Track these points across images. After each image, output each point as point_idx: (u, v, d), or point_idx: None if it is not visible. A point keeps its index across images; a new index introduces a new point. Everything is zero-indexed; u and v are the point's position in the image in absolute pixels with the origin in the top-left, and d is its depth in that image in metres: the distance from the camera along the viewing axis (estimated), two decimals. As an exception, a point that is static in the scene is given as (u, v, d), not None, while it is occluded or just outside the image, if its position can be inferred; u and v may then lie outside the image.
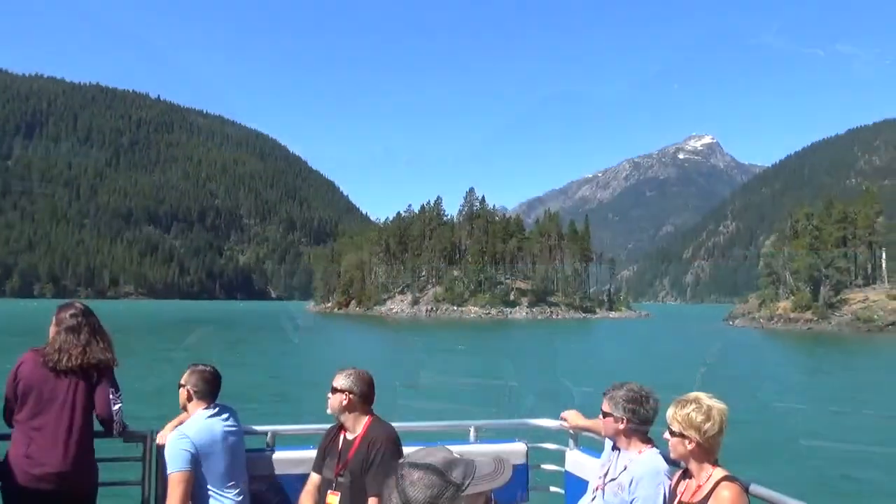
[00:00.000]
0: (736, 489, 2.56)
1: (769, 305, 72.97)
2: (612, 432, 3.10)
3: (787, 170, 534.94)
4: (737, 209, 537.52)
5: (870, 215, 72.78)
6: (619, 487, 2.96)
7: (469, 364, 33.97)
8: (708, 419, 2.62)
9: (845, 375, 28.77)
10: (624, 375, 3.94)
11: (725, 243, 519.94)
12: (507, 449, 3.93)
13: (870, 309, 64.73)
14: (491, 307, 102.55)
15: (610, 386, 3.14)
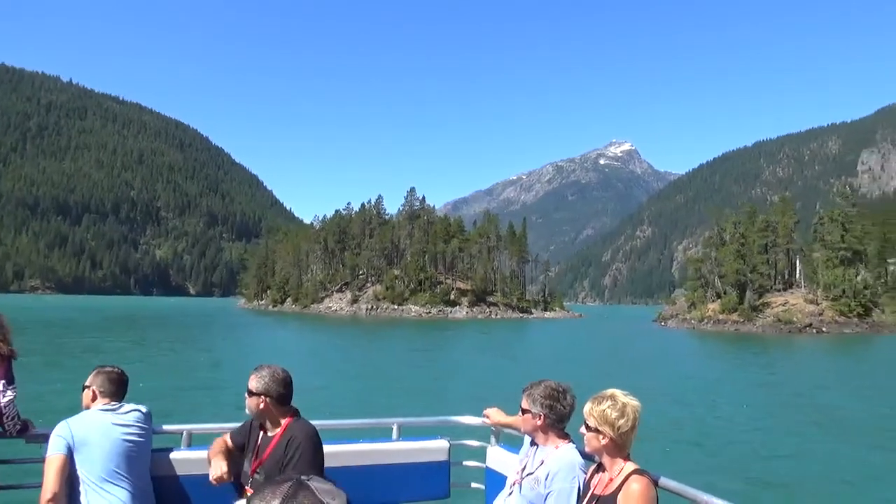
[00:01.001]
0: (645, 482, 2.65)
1: (700, 307, 77.57)
2: (530, 428, 3.19)
3: (700, 178, 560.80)
4: (653, 214, 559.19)
5: (788, 224, 78.85)
6: (535, 481, 3.05)
7: (399, 362, 34.07)
8: (622, 416, 2.71)
9: (763, 373, 31.08)
10: (564, 375, 4.34)
11: (642, 247, 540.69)
12: (429, 446, 3.96)
13: (790, 312, 70.21)
14: (431, 306, 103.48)
15: (528, 384, 3.24)
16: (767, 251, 77.39)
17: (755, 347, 48.32)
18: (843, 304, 69.95)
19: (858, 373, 31.58)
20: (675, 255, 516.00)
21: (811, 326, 67.83)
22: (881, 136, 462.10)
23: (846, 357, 42.80)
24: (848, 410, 19.43)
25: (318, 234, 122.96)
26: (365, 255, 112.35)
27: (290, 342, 48.54)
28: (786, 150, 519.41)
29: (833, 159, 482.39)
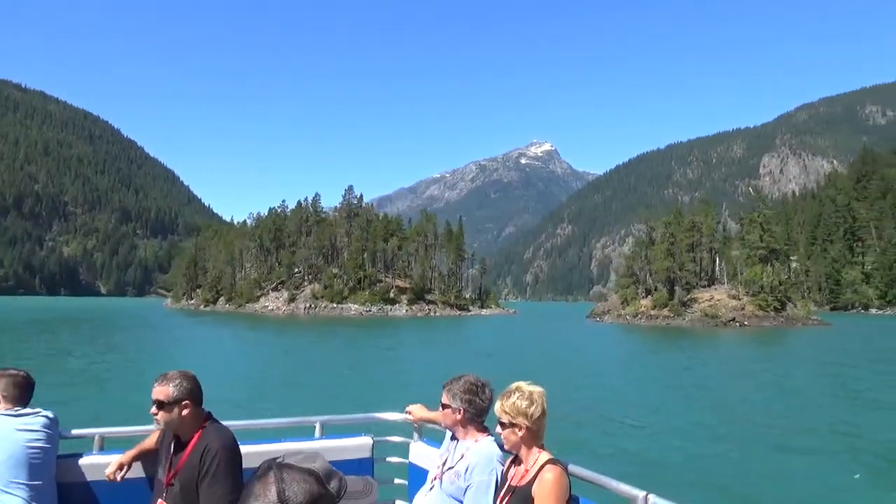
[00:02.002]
0: (558, 471, 2.75)
1: (634, 304, 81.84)
2: (451, 422, 3.26)
3: (616, 178, 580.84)
4: (572, 213, 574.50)
5: (712, 225, 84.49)
6: (455, 475, 3.11)
7: (330, 360, 34.02)
8: (532, 403, 2.83)
9: (688, 363, 33.52)
10: (515, 371, 5.57)
11: (562, 245, 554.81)
12: (352, 443, 3.98)
13: (715, 307, 75.38)
14: (371, 305, 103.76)
15: (449, 379, 3.32)
16: (693, 250, 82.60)
17: (683, 341, 51.81)
18: (761, 299, 75.74)
19: (763, 365, 34.13)
20: (594, 253, 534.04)
21: (734, 321, 73.10)
22: (780, 141, 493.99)
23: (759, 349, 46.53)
24: (747, 402, 20.69)
25: (253, 232, 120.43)
26: (302, 254, 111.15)
27: (223, 342, 47.69)
28: (695, 153, 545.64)
29: (738, 162, 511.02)
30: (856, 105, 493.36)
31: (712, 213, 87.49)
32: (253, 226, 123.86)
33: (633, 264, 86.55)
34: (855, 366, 32.60)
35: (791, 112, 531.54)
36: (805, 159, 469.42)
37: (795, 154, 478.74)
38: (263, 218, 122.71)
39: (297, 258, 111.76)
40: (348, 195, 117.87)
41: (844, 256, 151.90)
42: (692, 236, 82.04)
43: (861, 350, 43.68)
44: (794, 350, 45.23)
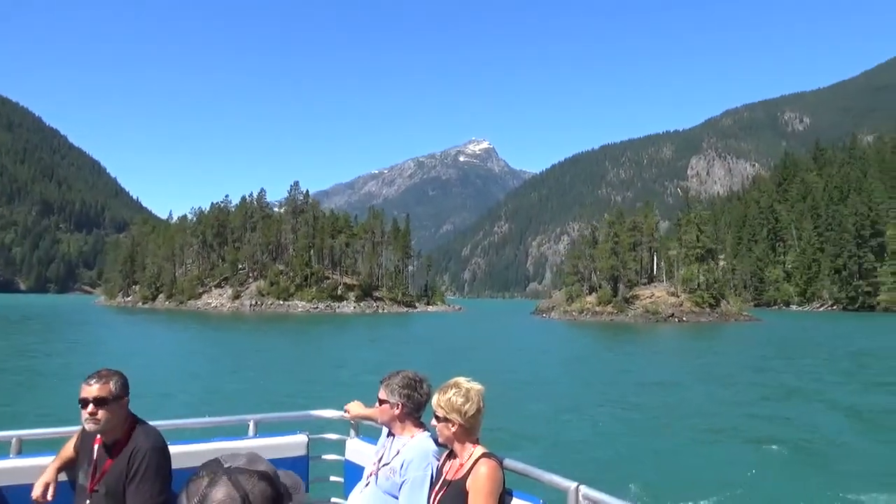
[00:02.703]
0: (492, 464, 2.78)
1: (580, 300, 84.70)
2: (388, 418, 3.25)
3: (552, 178, 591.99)
4: (509, 211, 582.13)
5: (652, 225, 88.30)
6: (391, 471, 3.11)
7: (270, 357, 33.59)
8: (467, 401, 2.84)
9: (629, 358, 35.43)
10: (474, 368, 5.77)
11: (499, 242, 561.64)
12: (287, 441, 3.93)
13: (656, 303, 78.99)
14: (319, 302, 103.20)
15: (386, 374, 3.31)
16: (635, 249, 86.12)
17: (626, 336, 54.49)
18: (697, 296, 79.85)
19: (699, 359, 36.25)
20: (530, 251, 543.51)
21: (673, 316, 76.88)
22: (707, 144, 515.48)
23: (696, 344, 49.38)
24: (680, 395, 21.67)
25: (195, 227, 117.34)
26: (247, 250, 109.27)
27: (159, 339, 46.43)
28: (628, 154, 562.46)
29: (667, 164, 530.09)
30: (776, 111, 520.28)
31: (652, 214, 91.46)
32: (194, 221, 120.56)
33: (577, 262, 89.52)
34: (786, 358, 35.09)
35: (717, 117, 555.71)
36: (730, 162, 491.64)
37: (721, 157, 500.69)
38: (205, 213, 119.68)
39: (242, 255, 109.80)
40: (294, 191, 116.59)
41: (768, 256, 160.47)
42: (634, 236, 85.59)
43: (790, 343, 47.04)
44: (728, 344, 47.96)
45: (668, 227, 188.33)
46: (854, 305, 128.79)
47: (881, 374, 27.52)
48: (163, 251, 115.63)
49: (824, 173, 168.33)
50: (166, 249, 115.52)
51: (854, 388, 23.14)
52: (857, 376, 26.88)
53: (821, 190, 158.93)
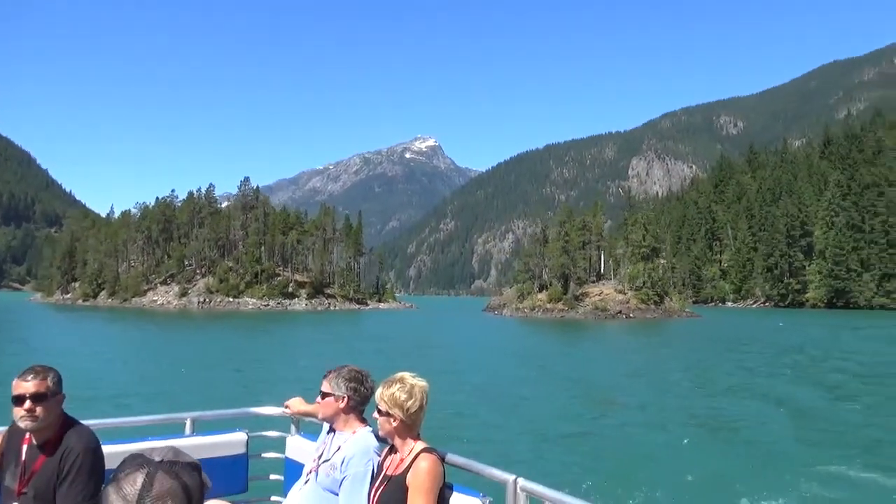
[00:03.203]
0: (433, 459, 2.80)
1: (532, 297, 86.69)
2: (332, 412, 3.20)
3: (498, 176, 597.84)
4: (455, 209, 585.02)
5: (600, 224, 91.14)
6: (331, 467, 3.09)
7: (212, 354, 33.15)
8: (410, 397, 2.86)
9: (577, 353, 37.24)
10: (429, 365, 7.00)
11: (445, 240, 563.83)
12: (226, 439, 3.86)
13: (604, 300, 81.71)
14: (269, 299, 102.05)
15: (330, 369, 3.27)
16: (584, 247, 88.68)
17: (576, 332, 56.58)
18: (643, 293, 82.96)
19: (642, 353, 38.68)
20: (476, 249, 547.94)
21: (621, 313, 79.70)
22: (647, 145, 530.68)
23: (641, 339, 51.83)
24: (621, 388, 22.64)
25: (139, 223, 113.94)
26: (194, 246, 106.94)
27: (99, 337, 45.11)
28: (571, 154, 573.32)
29: (609, 164, 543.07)
30: (712, 115, 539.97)
31: (600, 214, 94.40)
32: (138, 216, 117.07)
33: (529, 260, 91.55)
34: (723, 351, 37.49)
35: (656, 119, 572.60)
36: (668, 163, 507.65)
37: (660, 158, 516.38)
38: (150, 208, 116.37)
39: (190, 251, 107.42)
40: (244, 187, 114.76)
41: (705, 254, 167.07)
42: (583, 235, 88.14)
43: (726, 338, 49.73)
44: (671, 339, 50.43)
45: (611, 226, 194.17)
46: (784, 302, 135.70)
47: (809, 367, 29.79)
48: (105, 247, 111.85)
49: (758, 176, 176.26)
50: (108, 245, 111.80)
51: (786, 380, 24.74)
52: (791, 368, 28.85)
53: (755, 192, 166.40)
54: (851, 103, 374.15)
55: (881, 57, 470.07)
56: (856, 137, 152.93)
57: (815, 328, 60.09)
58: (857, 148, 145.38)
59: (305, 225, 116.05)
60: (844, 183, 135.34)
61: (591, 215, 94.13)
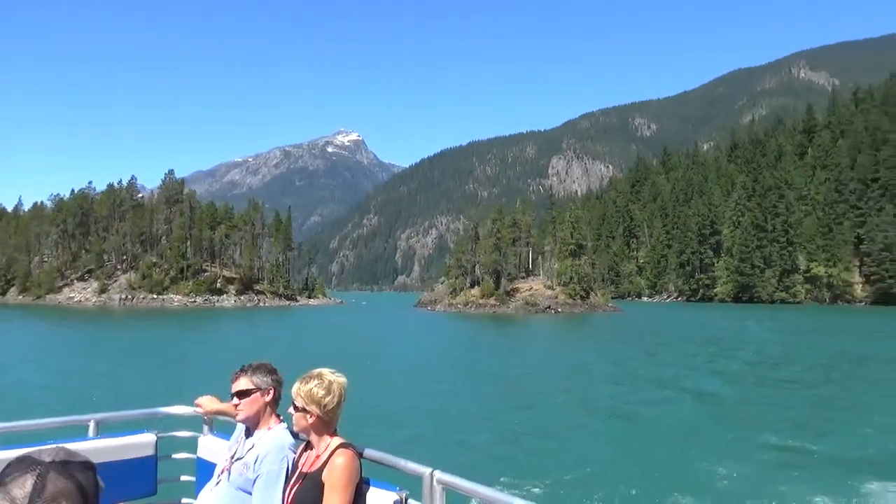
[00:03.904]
0: (349, 454, 2.75)
1: (465, 293, 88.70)
2: (257, 408, 3.12)
3: (421, 172, 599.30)
4: (378, 204, 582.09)
5: (529, 222, 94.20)
6: (244, 466, 3.01)
7: (127, 353, 32.06)
8: (329, 393, 2.80)
9: (507, 347, 38.96)
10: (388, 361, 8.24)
11: (368, 235, 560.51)
12: (133, 441, 3.68)
13: (534, 296, 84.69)
14: (196, 295, 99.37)
15: (245, 365, 3.20)
16: (514, 244, 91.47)
17: (508, 327, 59.02)
18: (570, 289, 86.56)
19: (567, 347, 41.07)
20: (399, 244, 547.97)
21: (550, 308, 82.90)
22: (566, 145, 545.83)
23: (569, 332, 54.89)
24: (541, 381, 23.43)
25: (53, 215, 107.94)
26: (115, 241, 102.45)
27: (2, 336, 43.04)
28: (494, 152, 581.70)
29: (530, 162, 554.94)
30: (627, 117, 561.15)
31: (529, 212, 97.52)
32: (52, 209, 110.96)
33: (462, 257, 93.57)
34: (647, 342, 40.57)
35: (575, 119, 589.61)
36: (586, 163, 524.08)
37: (579, 157, 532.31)
38: (66, 200, 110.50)
39: (110, 245, 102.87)
40: (168, 180, 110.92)
41: (623, 251, 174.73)
42: (514, 232, 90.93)
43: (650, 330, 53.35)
44: (598, 332, 53.51)
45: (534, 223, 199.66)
46: (696, 297, 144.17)
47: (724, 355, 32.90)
48: (14, 241, 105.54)
49: (671, 177, 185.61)
50: (19, 239, 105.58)
51: (701, 369, 27.14)
52: (707, 357, 31.81)
53: (668, 192, 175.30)
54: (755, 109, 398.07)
55: (780, 67, 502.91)
56: (760, 143, 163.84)
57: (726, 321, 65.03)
58: (761, 152, 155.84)
59: (233, 219, 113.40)
60: (749, 185, 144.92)
61: (521, 213, 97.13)
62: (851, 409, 17.98)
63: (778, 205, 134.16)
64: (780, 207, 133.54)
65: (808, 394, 20.62)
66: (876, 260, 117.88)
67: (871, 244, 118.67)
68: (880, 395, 20.04)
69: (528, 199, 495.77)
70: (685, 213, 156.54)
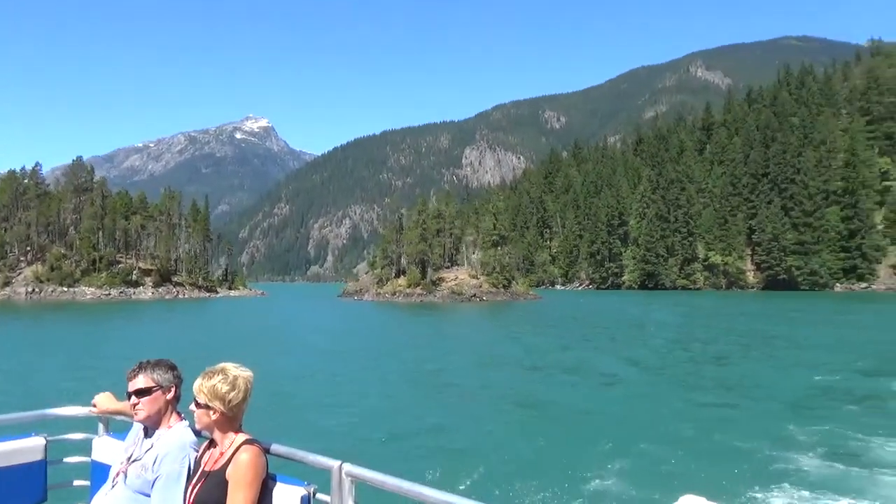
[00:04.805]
0: (255, 451, 2.67)
1: (392, 282, 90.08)
2: (158, 406, 2.98)
3: (334, 160, 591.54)
4: (290, 193, 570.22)
5: (452, 213, 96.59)
6: (143, 468, 2.86)
7: (21, 351, 29.80)
8: (234, 388, 2.71)
9: (429, 336, 39.88)
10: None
11: (279, 224, 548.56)
12: (19, 446, 3.42)
13: (460, 285, 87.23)
14: (111, 288, 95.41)
15: (142, 361, 3.04)
16: (439, 235, 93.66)
17: (433, 315, 61.07)
18: (494, 278, 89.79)
19: (485, 335, 42.78)
20: (312, 234, 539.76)
21: (475, 296, 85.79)
22: (480, 135, 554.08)
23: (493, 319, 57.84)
24: (455, 371, 23.82)
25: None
26: (19, 231, 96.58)
27: None
28: (408, 141, 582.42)
29: (444, 152, 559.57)
30: (538, 109, 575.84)
31: (452, 203, 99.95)
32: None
33: (387, 247, 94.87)
34: (563, 327, 43.81)
35: (488, 110, 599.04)
36: (499, 153, 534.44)
37: (491, 148, 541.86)
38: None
39: (13, 236, 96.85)
40: (76, 168, 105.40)
41: (537, 241, 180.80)
42: (439, 223, 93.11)
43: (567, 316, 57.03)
44: (521, 318, 55.92)
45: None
46: (605, 285, 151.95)
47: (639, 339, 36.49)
48: None
49: (582, 170, 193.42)
50: None
51: (614, 351, 29.14)
52: (617, 341, 34.89)
53: (580, 184, 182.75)
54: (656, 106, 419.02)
55: (679, 66, 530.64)
56: (663, 138, 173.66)
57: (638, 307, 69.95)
58: (665, 147, 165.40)
59: (149, 209, 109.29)
60: (654, 178, 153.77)
61: (445, 204, 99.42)
62: (749, 378, 20.79)
63: (680, 197, 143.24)
64: (682, 200, 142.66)
65: (716, 370, 23.33)
66: (766, 249, 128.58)
67: (762, 234, 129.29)
68: (774, 369, 23.07)
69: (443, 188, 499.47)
70: (595, 205, 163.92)
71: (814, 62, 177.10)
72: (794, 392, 18.23)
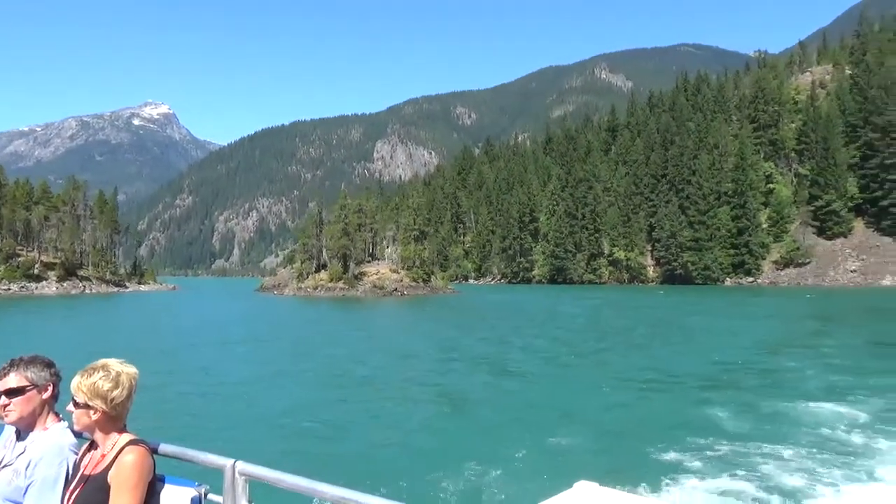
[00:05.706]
0: (140, 451, 2.51)
1: (314, 277, 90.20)
2: (33, 407, 2.76)
3: (241, 151, 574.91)
4: (193, 183, 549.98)
5: (373, 208, 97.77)
6: (14, 473, 2.66)
7: None
8: (117, 386, 2.55)
9: (348, 330, 40.24)
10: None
11: (182, 216, 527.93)
12: None
13: (381, 279, 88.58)
14: (10, 282, 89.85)
15: (14, 359, 2.80)
16: (360, 229, 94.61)
17: (355, 310, 62.26)
18: (414, 272, 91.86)
19: (402, 329, 44.56)
20: (217, 226, 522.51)
21: (397, 290, 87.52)
22: (391, 129, 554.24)
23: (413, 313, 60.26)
24: (367, 366, 23.87)
25: None
26: None
27: None
28: (318, 133, 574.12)
29: (355, 146, 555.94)
30: (449, 105, 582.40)
31: (373, 198, 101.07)
32: None
33: (307, 242, 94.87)
34: (482, 320, 46.26)
35: (400, 105, 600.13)
36: (411, 148, 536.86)
37: (403, 143, 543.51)
38: None
39: None
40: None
41: (451, 236, 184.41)
42: (360, 217, 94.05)
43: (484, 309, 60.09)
44: (439, 312, 58.17)
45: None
46: (517, 279, 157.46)
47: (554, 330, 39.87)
48: None
49: (494, 167, 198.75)
50: None
51: (532, 346, 30.10)
52: (539, 332, 37.59)
53: (492, 181, 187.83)
54: (563, 105, 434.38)
55: (585, 67, 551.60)
56: (572, 138, 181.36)
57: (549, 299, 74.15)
58: (573, 147, 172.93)
59: (53, 199, 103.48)
60: (563, 177, 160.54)
61: (366, 199, 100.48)
62: (650, 365, 22.89)
63: (587, 195, 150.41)
64: (589, 198, 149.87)
65: (621, 358, 25.13)
66: (664, 245, 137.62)
67: (661, 231, 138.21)
68: (675, 355, 25.51)
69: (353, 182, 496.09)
70: (507, 201, 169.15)
71: (708, 70, 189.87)
72: (692, 377, 19.68)
